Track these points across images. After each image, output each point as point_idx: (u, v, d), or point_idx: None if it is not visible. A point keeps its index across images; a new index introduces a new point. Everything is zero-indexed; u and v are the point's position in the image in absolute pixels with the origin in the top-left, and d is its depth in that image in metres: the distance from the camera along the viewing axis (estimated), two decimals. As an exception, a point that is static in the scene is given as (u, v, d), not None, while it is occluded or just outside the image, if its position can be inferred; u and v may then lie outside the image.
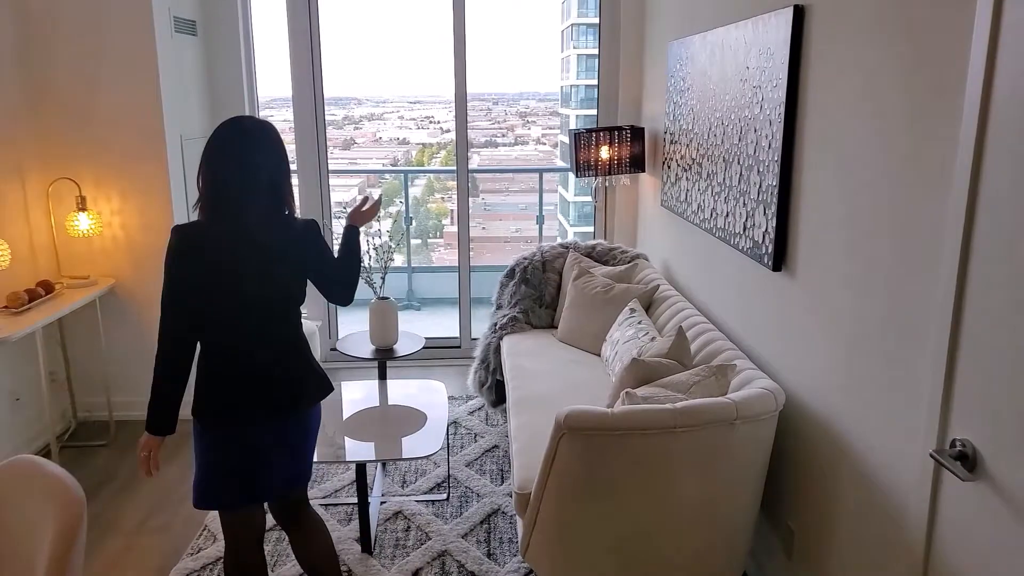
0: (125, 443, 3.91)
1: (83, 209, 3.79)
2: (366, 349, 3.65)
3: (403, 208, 6.11)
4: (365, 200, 2.45)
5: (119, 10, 3.76)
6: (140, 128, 3.87)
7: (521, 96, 7.31)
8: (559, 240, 5.06)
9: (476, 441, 3.89)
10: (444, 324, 5.47)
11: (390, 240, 3.81)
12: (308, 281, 2.22)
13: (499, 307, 4.19)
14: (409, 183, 7.30)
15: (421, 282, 6.87)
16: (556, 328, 3.96)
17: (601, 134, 4.35)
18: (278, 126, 2.14)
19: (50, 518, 1.62)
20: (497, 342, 3.95)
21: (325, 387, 2.27)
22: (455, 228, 7.48)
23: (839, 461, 2.17)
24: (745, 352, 2.79)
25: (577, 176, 4.42)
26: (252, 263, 2.06)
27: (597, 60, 4.79)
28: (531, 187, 6.29)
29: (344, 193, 7.75)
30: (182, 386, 2.08)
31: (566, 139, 5.95)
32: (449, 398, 4.39)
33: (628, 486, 2.21)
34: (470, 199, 7.72)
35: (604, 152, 4.36)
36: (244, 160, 2.03)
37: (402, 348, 3.68)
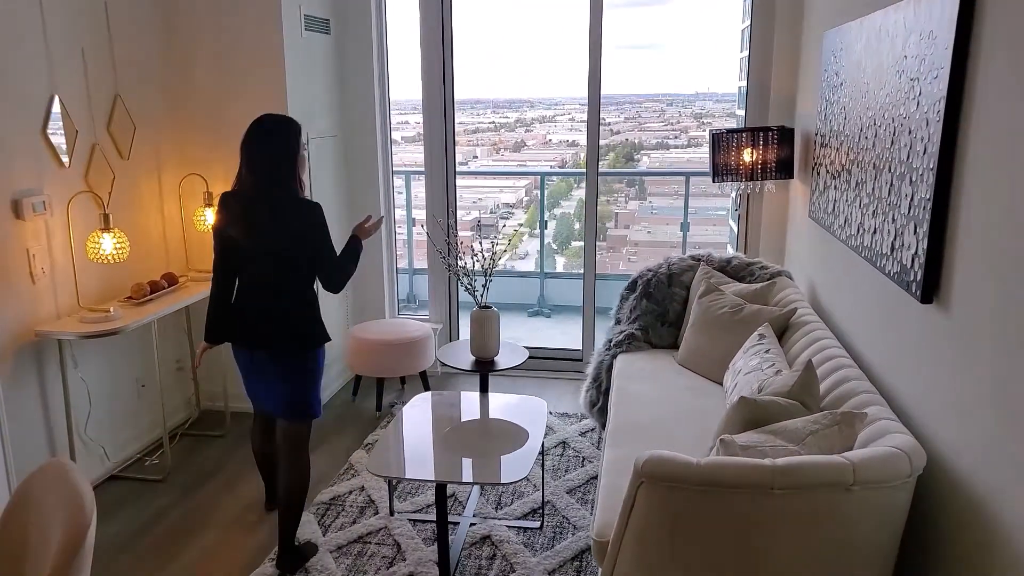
0: (239, 435, 3.98)
1: (210, 205, 3.88)
2: (466, 359, 3.47)
3: (567, 210, 5.94)
4: (370, 218, 3.03)
5: (251, 7, 3.81)
6: (267, 125, 3.91)
7: (697, 97, 7.10)
8: (730, 250, 4.62)
9: (583, 466, 3.61)
10: (573, 334, 5.18)
11: (503, 236, 3.59)
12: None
13: (617, 322, 3.87)
14: (576, 185, 7.15)
15: (557, 288, 6.65)
16: (679, 349, 3.59)
17: (744, 135, 3.92)
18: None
19: (59, 526, 1.55)
20: (611, 360, 3.64)
21: (315, 340, 2.77)
22: (619, 231, 7.37)
23: (996, 546, 1.70)
24: (886, 396, 2.32)
25: (715, 180, 4.01)
26: (260, 225, 2.67)
27: (748, 54, 4.34)
28: (703, 190, 5.97)
29: (511, 194, 7.79)
30: (226, 310, 2.81)
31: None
32: (562, 416, 4.15)
33: (715, 551, 1.86)
34: (637, 202, 7.50)
35: (747, 155, 3.93)
36: (258, 149, 2.68)
37: (503, 361, 3.46)
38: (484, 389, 3.50)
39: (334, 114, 4.46)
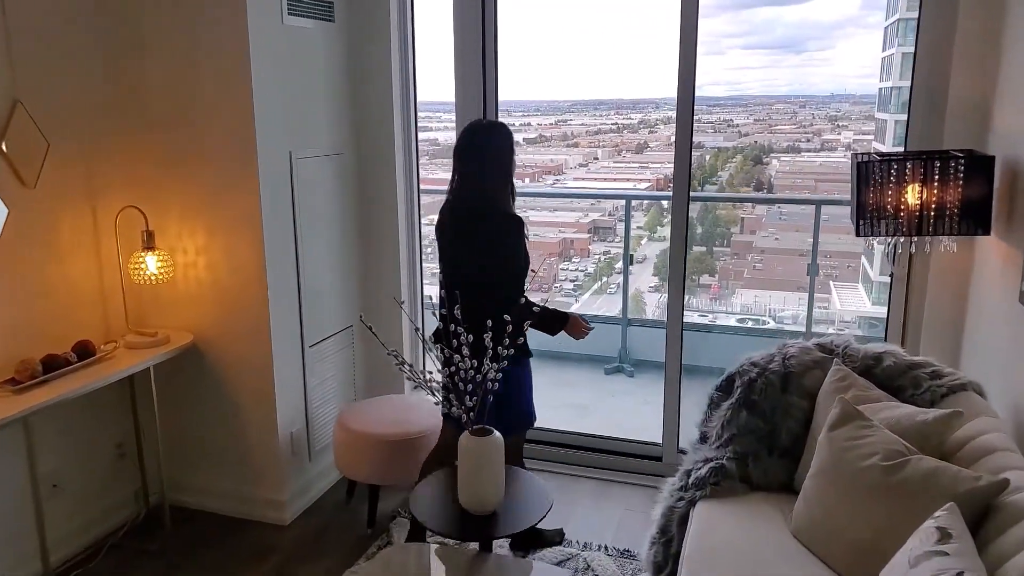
0: (181, 550, 2.98)
1: (150, 248, 2.91)
2: (450, 512, 2.26)
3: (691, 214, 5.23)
4: (587, 324, 2.79)
5: (211, -14, 2.81)
6: (230, 143, 2.91)
7: (832, 99, 6.74)
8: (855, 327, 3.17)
9: (635, 664, 2.38)
10: (659, 404, 3.83)
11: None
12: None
13: (703, 440, 2.62)
14: (699, 188, 6.66)
15: (645, 339, 5.37)
16: (795, 495, 2.29)
17: (909, 164, 2.57)
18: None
19: None
20: (686, 508, 2.39)
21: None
22: (745, 237, 6.89)
23: None
24: None
25: (859, 232, 2.67)
26: (459, 240, 2.71)
27: (914, 45, 2.97)
28: (844, 192, 5.09)
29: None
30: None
31: (882, 146, 4.51)
32: (620, 555, 2.97)
33: None
34: (765, 206, 6.95)
35: (912, 194, 2.58)
36: (463, 161, 2.67)
37: (508, 520, 2.22)
38: (485, 547, 2.31)
39: (339, 125, 3.42)
